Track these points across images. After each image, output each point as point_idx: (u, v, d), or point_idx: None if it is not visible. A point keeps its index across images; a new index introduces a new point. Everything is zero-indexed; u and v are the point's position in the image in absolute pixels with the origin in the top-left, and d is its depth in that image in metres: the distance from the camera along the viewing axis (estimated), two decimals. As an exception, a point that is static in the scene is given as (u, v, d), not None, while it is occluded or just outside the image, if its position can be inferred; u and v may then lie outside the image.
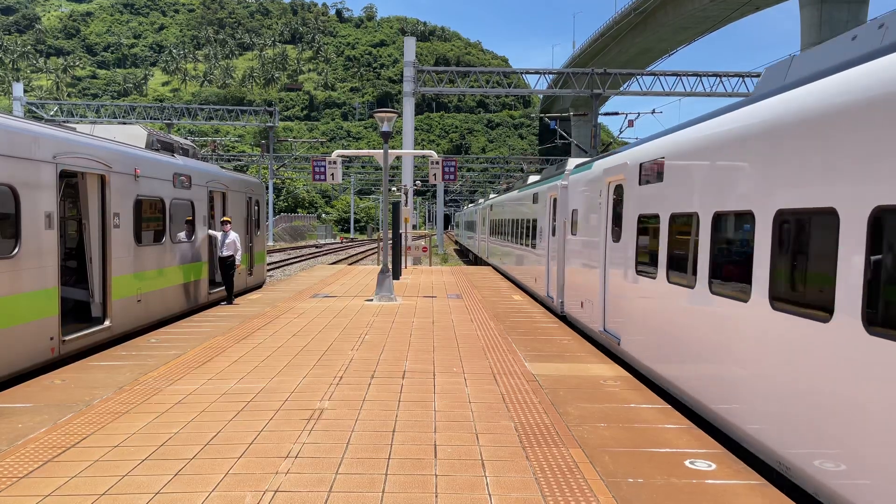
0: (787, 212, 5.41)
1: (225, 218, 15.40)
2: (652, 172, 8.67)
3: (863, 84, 4.66)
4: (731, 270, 6.40)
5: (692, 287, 7.10)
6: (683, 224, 7.56)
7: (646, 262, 8.74)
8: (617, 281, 10.10)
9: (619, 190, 10.19)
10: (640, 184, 9.11)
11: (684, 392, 7.36)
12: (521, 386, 7.89)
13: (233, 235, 15.01)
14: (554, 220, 15.42)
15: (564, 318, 14.06)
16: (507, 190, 31.14)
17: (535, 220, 18.28)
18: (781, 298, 5.46)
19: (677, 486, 4.99)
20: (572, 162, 15.45)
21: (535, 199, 18.41)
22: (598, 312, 11.15)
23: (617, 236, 10.17)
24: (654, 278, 8.33)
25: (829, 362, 4.72)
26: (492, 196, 36.32)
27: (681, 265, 7.53)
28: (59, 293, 9.31)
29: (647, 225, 8.83)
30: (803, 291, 5.22)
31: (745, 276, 6.08)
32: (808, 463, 4.92)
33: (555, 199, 15.37)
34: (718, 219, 6.71)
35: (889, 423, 4.11)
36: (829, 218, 4.85)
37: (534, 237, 18.31)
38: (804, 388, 5.02)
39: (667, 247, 7.98)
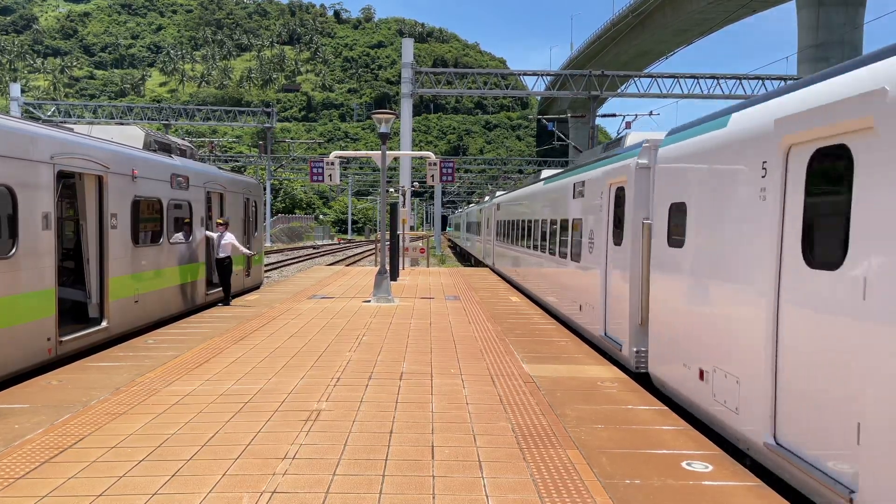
0: None
1: (220, 220, 15.44)
2: None
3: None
4: None
5: None
6: None
7: None
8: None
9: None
10: None
11: None
12: (518, 387, 7.90)
13: (228, 236, 15.03)
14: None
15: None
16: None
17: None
18: None
19: (674, 487, 5.00)
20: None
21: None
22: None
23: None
24: None
25: None
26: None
27: None
28: (56, 294, 9.30)
29: None
30: None
31: None
32: None
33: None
34: None
35: None
36: None
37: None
38: None
39: None
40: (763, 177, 5.82)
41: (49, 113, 55.40)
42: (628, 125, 32.83)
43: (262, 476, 5.11)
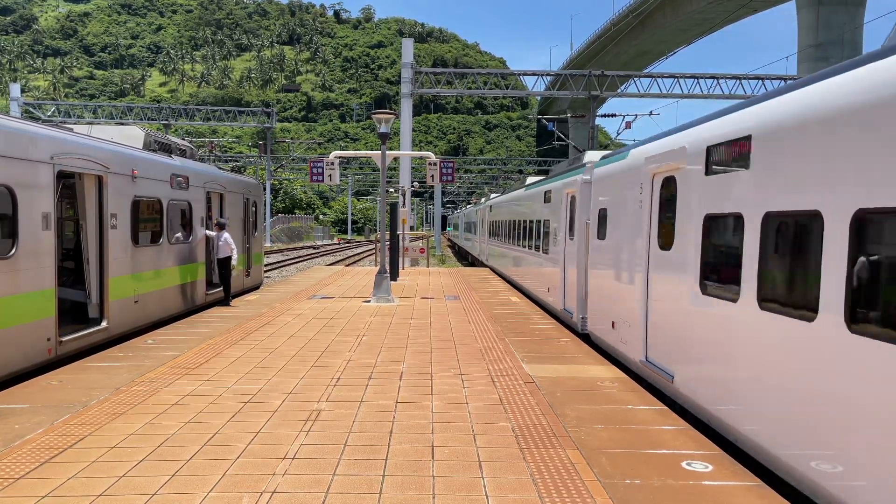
0: None
1: (217, 221, 15.47)
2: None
3: None
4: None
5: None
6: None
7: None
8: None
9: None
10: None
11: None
12: (518, 387, 7.90)
13: (224, 236, 15.06)
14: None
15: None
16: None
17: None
18: None
19: (674, 487, 5.00)
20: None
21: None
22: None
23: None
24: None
25: None
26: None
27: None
28: (56, 294, 9.30)
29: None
30: None
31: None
32: None
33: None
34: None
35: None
36: None
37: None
38: None
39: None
40: (640, 193, 9.02)
41: (49, 113, 55.40)
42: (628, 125, 32.81)
43: (262, 476, 5.11)
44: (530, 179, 21.44)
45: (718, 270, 6.63)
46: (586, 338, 11.95)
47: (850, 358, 4.51)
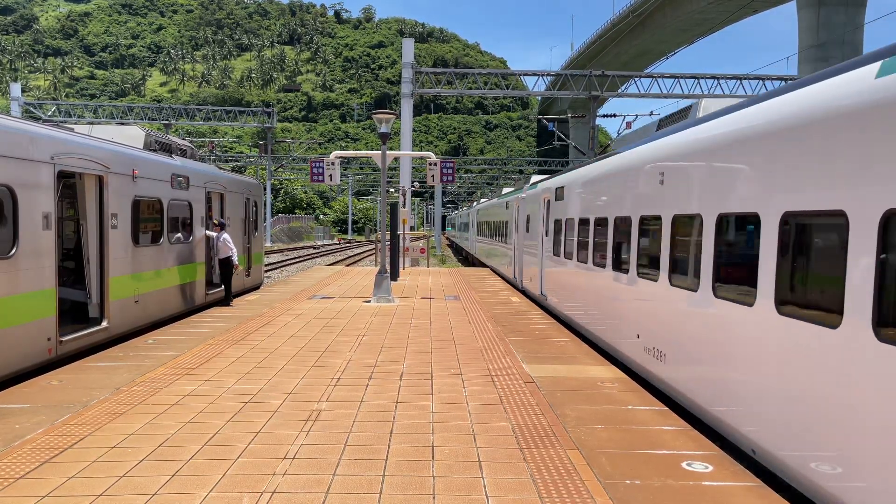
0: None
1: (215, 221, 15.47)
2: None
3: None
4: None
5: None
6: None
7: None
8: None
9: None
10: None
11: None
12: (518, 387, 7.90)
13: (224, 237, 15.06)
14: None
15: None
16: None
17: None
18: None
19: (674, 487, 5.01)
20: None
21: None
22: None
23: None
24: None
25: None
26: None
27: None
28: (56, 294, 9.30)
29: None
30: None
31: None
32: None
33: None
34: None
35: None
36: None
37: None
38: None
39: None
40: (543, 206, 16.40)
41: (49, 113, 55.40)
42: (629, 125, 32.81)
43: (263, 476, 5.11)
44: (505, 189, 30.27)
45: (560, 245, 13.80)
46: (524, 293, 19.18)
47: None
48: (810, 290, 5.14)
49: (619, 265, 9.92)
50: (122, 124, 27.22)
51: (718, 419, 6.46)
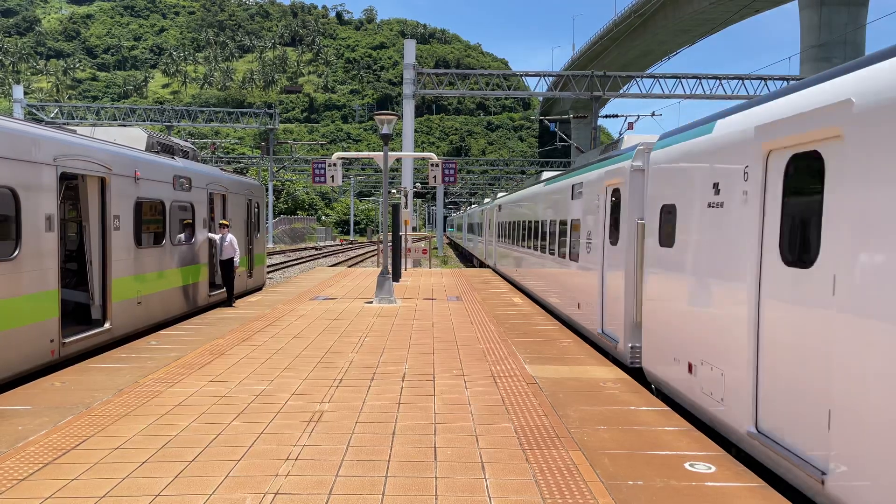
0: None
1: (223, 221, 15.47)
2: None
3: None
4: None
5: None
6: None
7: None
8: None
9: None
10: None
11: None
12: (520, 388, 7.90)
13: (230, 238, 15.08)
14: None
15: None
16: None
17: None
18: None
19: (677, 488, 5.00)
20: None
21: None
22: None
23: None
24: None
25: None
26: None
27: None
28: (59, 295, 9.31)
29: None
30: None
31: None
32: None
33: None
34: None
35: None
36: None
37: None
38: None
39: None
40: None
41: (52, 115, 55.50)
42: (630, 126, 32.77)
43: (265, 477, 5.12)
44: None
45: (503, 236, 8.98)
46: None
47: None
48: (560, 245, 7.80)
49: (526, 244, 16.34)
50: (125, 126, 27.28)
51: (569, 316, 11.48)
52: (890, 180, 4.21)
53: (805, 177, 5.29)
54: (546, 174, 19.63)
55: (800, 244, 5.25)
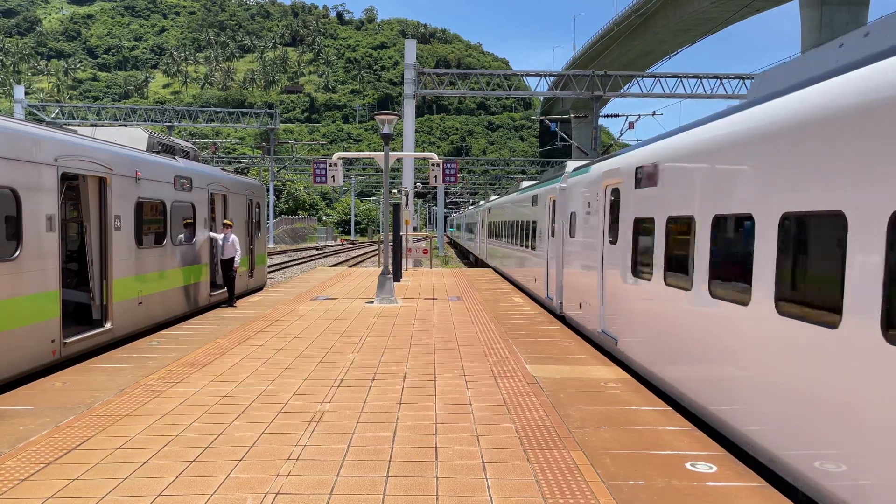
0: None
1: (226, 221, 15.48)
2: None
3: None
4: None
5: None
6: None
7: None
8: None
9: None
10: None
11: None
12: (521, 388, 7.89)
13: (232, 238, 15.10)
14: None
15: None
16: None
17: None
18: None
19: (678, 488, 5.00)
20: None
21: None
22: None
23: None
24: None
25: None
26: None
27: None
28: (60, 296, 9.32)
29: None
30: None
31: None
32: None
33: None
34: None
35: None
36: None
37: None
38: None
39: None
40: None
41: (53, 115, 55.53)
42: (632, 125, 32.74)
43: (266, 477, 5.12)
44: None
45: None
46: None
47: None
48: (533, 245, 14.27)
49: (505, 238, 22.21)
50: (125, 126, 27.30)
51: (527, 287, 17.14)
52: (622, 204, 9.91)
53: (616, 200, 10.34)
54: (524, 183, 24.88)
55: (613, 233, 10.38)
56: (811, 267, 5.18)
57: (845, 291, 4.61)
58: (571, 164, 15.68)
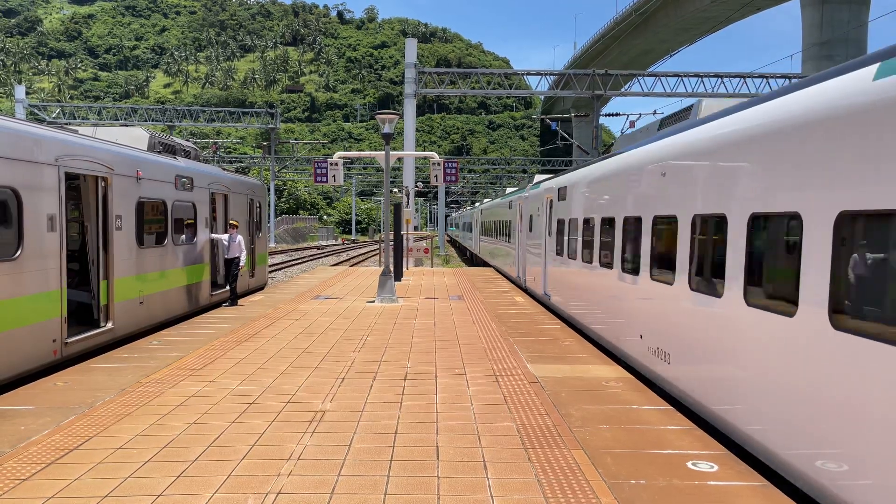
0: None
1: (232, 221, 15.60)
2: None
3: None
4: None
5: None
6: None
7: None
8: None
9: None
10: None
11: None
12: (522, 387, 7.89)
13: (239, 238, 15.30)
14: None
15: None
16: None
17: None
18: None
19: (679, 487, 4.99)
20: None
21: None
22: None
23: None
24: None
25: None
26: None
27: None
28: (62, 295, 9.32)
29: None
30: None
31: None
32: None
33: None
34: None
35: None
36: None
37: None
38: None
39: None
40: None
41: (54, 115, 55.55)
42: (632, 124, 32.73)
43: (267, 477, 5.12)
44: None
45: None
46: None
47: None
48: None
49: (492, 235, 30.16)
50: (126, 126, 27.31)
51: (506, 272, 24.96)
52: (553, 210, 16.00)
53: (553, 207, 15.72)
54: (508, 190, 30.41)
55: (551, 229, 15.77)
56: (603, 243, 11.02)
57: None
58: (537, 178, 20.86)
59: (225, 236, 15.51)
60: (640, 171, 9.22)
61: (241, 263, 15.40)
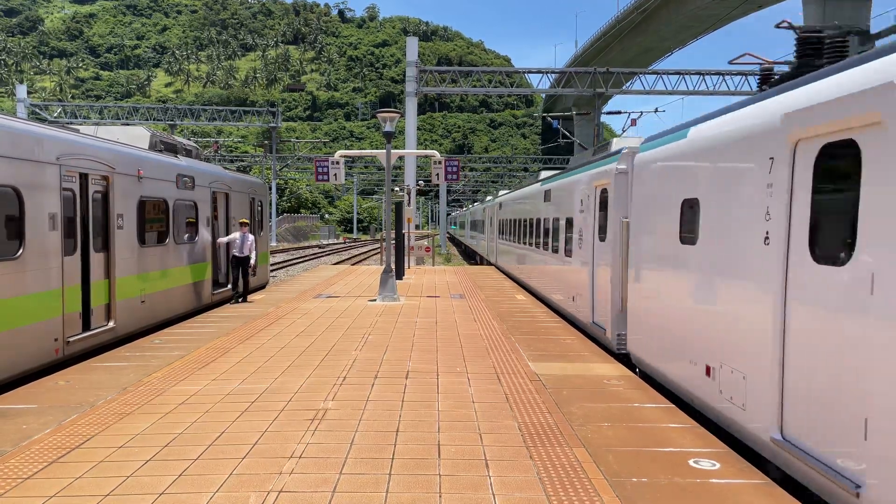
0: None
1: (242, 220, 15.72)
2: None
3: None
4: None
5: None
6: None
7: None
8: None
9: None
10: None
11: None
12: (524, 385, 7.89)
13: (251, 237, 15.47)
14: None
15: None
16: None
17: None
18: None
19: (681, 485, 4.99)
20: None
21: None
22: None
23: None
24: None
25: None
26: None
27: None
28: (62, 294, 9.32)
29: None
30: None
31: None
32: None
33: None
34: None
35: None
36: None
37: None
38: None
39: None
40: (487, 215, 32.55)
41: (55, 114, 55.57)
42: (634, 122, 32.66)
43: (269, 475, 5.12)
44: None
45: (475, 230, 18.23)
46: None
47: None
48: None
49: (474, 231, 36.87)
50: (128, 125, 27.34)
51: (476, 252, 36.40)
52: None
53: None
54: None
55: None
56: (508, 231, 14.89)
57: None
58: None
59: (236, 235, 15.47)
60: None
61: (253, 261, 15.55)
